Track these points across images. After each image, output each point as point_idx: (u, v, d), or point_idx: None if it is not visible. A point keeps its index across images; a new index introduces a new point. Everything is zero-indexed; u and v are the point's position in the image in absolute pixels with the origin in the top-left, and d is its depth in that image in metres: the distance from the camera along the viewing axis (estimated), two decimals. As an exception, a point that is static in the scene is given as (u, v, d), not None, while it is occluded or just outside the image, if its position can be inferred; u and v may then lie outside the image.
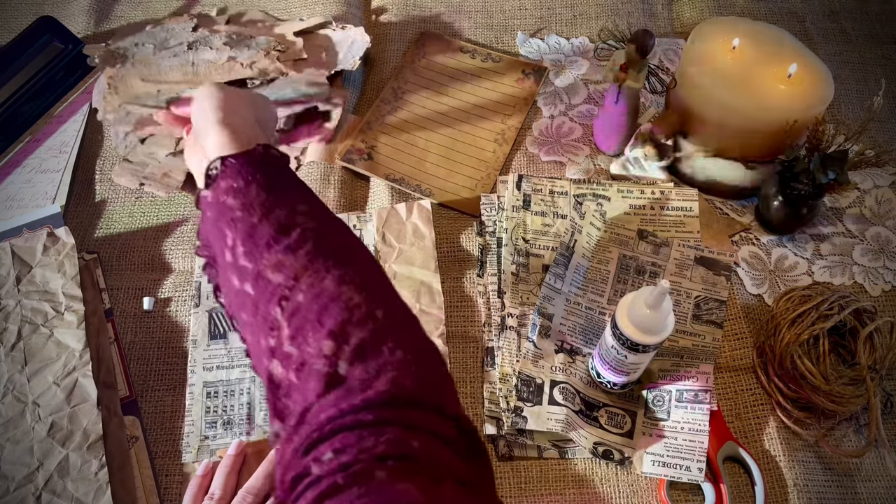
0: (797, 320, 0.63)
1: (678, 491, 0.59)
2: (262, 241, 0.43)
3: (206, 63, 0.80)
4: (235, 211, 0.44)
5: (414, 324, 0.43)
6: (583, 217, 0.72)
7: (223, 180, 0.45)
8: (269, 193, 0.44)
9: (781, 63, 0.68)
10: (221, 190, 0.45)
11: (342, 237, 0.45)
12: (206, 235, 0.47)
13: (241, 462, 0.58)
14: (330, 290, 0.40)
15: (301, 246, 0.42)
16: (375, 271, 0.45)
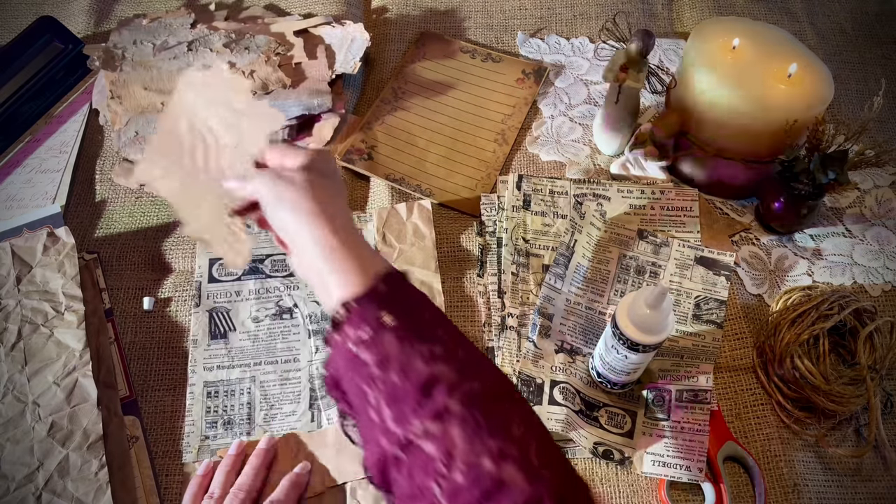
0: (797, 320, 0.63)
1: (678, 491, 0.59)
2: (407, 406, 0.40)
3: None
4: (372, 367, 0.41)
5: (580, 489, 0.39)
6: (583, 217, 0.72)
7: (350, 328, 0.42)
8: (403, 342, 0.41)
9: (781, 63, 0.68)
10: (351, 339, 0.42)
11: (482, 381, 0.41)
12: (339, 377, 0.44)
13: (241, 462, 0.58)
14: (491, 473, 0.37)
15: (448, 410, 0.39)
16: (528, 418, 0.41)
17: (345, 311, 0.43)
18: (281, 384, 0.63)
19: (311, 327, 0.66)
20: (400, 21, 0.93)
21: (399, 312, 0.42)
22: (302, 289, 0.68)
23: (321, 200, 0.47)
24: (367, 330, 0.42)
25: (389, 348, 0.41)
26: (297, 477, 0.57)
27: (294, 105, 0.77)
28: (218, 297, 0.67)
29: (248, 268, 0.69)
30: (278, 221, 0.48)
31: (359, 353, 0.42)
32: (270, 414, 0.62)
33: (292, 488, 0.56)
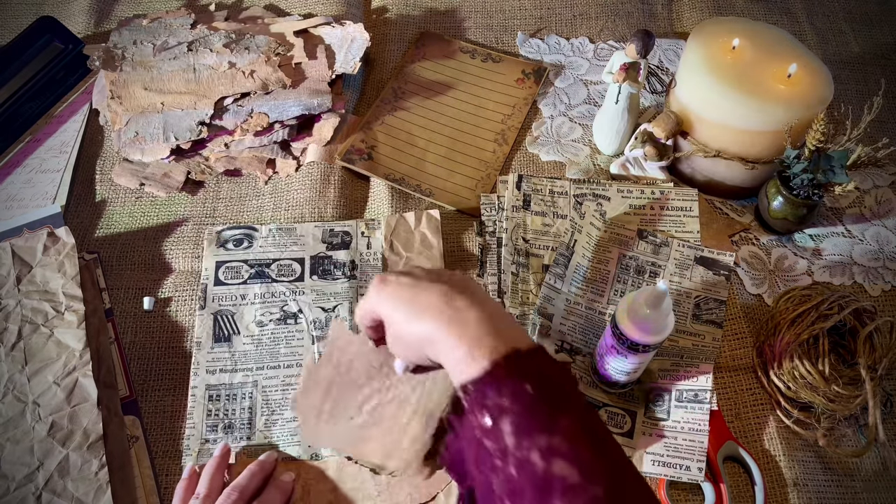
0: (797, 320, 0.63)
1: (678, 491, 0.59)
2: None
3: (208, 69, 0.80)
4: (494, 458, 0.38)
5: None
6: (583, 217, 0.72)
7: (472, 414, 0.39)
8: (519, 435, 0.37)
9: (781, 63, 0.68)
10: (473, 425, 0.39)
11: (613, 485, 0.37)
12: (461, 463, 0.42)
13: (227, 463, 0.58)
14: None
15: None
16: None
17: (464, 395, 0.40)
18: (283, 389, 0.63)
19: (315, 333, 0.65)
20: (400, 21, 0.93)
21: (521, 396, 0.38)
22: (307, 294, 0.68)
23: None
24: (488, 418, 0.38)
25: (507, 439, 0.37)
26: (283, 483, 0.57)
27: (294, 105, 0.77)
28: (223, 300, 0.67)
29: (253, 271, 0.69)
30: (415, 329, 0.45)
31: (483, 442, 0.39)
32: (272, 419, 0.61)
33: (277, 491, 0.56)
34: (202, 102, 0.77)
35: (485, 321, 0.43)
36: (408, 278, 0.47)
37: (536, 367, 0.41)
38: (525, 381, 0.39)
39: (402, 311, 0.46)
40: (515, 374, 0.40)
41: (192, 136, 0.75)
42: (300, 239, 0.71)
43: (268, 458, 0.59)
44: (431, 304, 0.45)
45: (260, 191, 0.76)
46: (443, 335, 0.43)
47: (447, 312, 0.44)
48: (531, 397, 0.39)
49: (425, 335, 0.45)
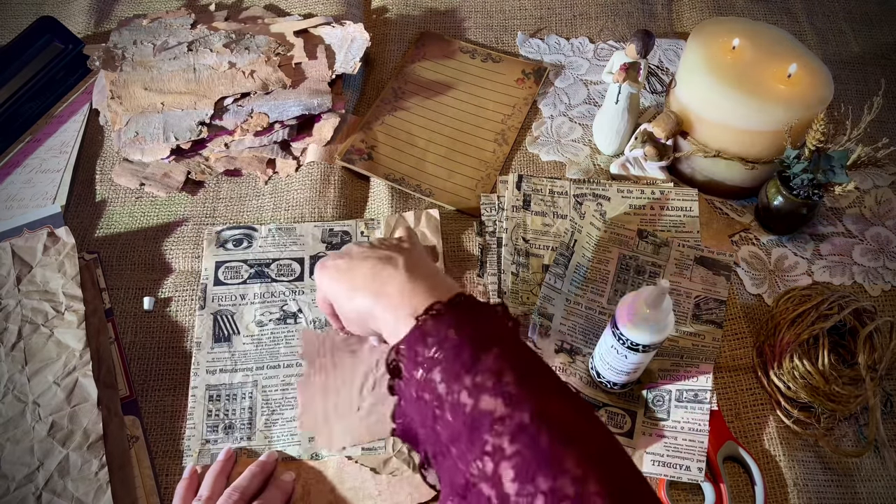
0: (797, 320, 0.63)
1: (678, 491, 0.59)
2: (462, 445, 0.38)
3: (208, 69, 0.80)
4: (435, 409, 0.39)
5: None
6: (583, 217, 0.72)
7: (407, 371, 0.41)
8: (448, 376, 0.39)
9: (781, 63, 0.68)
10: (413, 383, 0.41)
11: (540, 404, 0.37)
12: (409, 424, 0.43)
13: (231, 467, 0.58)
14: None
15: (499, 449, 0.36)
16: (594, 448, 0.37)
17: (395, 355, 0.42)
18: (283, 389, 0.63)
19: (314, 333, 0.65)
20: (400, 21, 0.93)
21: (445, 343, 0.40)
22: (307, 294, 0.67)
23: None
24: (420, 370, 0.40)
25: (439, 387, 0.39)
26: (283, 483, 0.57)
27: (294, 105, 0.77)
28: (223, 300, 0.67)
29: (253, 271, 0.69)
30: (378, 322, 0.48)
31: (421, 395, 0.40)
32: (272, 419, 0.61)
33: (279, 492, 0.56)
34: (202, 102, 0.77)
35: (407, 286, 0.46)
36: (343, 259, 0.51)
37: (459, 314, 0.42)
38: (448, 329, 0.41)
39: (341, 292, 0.50)
40: (438, 325, 0.41)
41: (192, 136, 0.75)
42: (300, 239, 0.71)
43: (268, 458, 0.59)
44: (362, 280, 0.49)
45: (260, 191, 0.76)
46: (376, 309, 0.47)
47: (374, 286, 0.48)
48: (455, 342, 0.40)
49: (364, 311, 0.48)
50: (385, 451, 0.60)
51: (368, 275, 0.49)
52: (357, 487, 0.58)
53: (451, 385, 0.39)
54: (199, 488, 0.56)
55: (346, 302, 0.50)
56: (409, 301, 0.45)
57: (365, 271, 0.49)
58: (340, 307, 0.52)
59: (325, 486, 0.58)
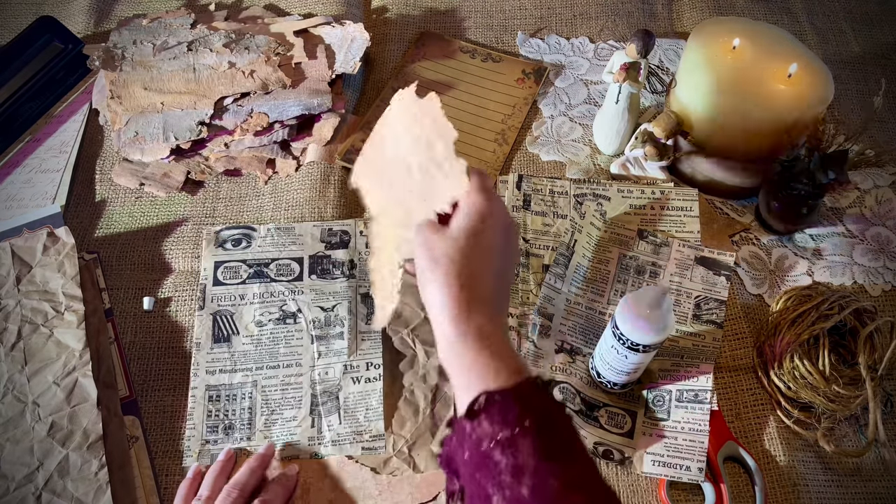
0: (797, 320, 0.63)
1: (678, 491, 0.59)
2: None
3: (208, 69, 0.80)
4: (503, 474, 0.37)
5: None
6: (583, 217, 0.72)
7: (487, 422, 0.39)
8: (541, 456, 0.37)
9: (781, 63, 0.68)
10: (486, 433, 0.38)
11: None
12: (457, 463, 0.41)
13: (231, 467, 0.59)
14: None
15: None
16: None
17: (485, 402, 0.39)
18: (282, 389, 0.63)
19: (314, 332, 0.65)
20: (400, 21, 0.93)
21: (542, 422, 0.38)
22: (306, 293, 0.67)
23: (470, 282, 0.44)
24: (507, 430, 0.38)
25: (526, 459, 0.37)
26: (285, 478, 0.57)
27: (294, 105, 0.77)
28: (222, 300, 0.67)
29: (252, 271, 0.69)
30: (427, 296, 0.45)
31: (491, 453, 0.38)
32: (271, 419, 0.61)
33: (280, 487, 0.57)
34: (202, 102, 0.77)
35: (508, 341, 0.43)
36: (454, 283, 0.44)
37: (552, 399, 0.41)
38: (549, 406, 0.40)
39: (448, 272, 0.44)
40: (541, 397, 0.40)
41: (191, 135, 0.75)
42: (299, 238, 0.71)
43: (266, 451, 0.59)
44: (458, 323, 0.43)
45: (260, 191, 0.76)
46: (467, 345, 0.42)
47: (476, 330, 0.43)
48: (554, 423, 0.39)
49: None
50: (385, 451, 0.60)
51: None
52: (357, 487, 0.58)
53: (541, 463, 0.37)
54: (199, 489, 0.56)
55: (444, 280, 0.44)
56: (516, 358, 0.42)
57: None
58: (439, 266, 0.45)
59: (324, 485, 0.58)
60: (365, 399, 0.62)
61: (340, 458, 0.59)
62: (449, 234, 0.45)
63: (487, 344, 0.42)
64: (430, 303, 0.45)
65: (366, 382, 0.63)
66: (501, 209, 0.47)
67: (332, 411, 0.62)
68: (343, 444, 0.60)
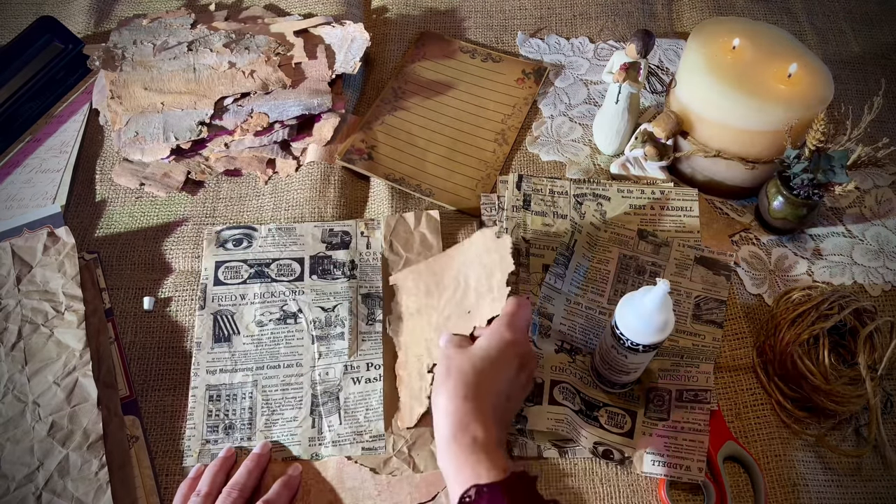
0: (797, 320, 0.63)
1: (678, 491, 0.59)
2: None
3: (208, 69, 0.80)
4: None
5: None
6: (583, 217, 0.72)
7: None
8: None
9: (781, 63, 0.68)
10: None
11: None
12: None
13: (231, 465, 0.59)
14: None
15: None
16: None
17: (475, 494, 0.44)
18: (283, 389, 0.63)
19: (314, 333, 0.65)
20: (400, 21, 0.93)
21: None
22: (307, 294, 0.67)
23: (476, 396, 0.49)
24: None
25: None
26: (289, 479, 0.58)
27: (294, 105, 0.77)
28: (223, 300, 0.67)
29: (253, 271, 0.69)
30: (436, 399, 0.51)
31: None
32: (272, 419, 0.61)
33: (284, 489, 0.57)
34: (202, 102, 0.77)
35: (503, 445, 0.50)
36: (461, 395, 0.50)
37: (539, 495, 0.46)
38: (532, 493, 0.45)
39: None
40: (529, 492, 0.45)
41: (192, 136, 0.75)
42: (299, 239, 0.71)
43: (262, 451, 0.59)
44: (454, 427, 0.48)
45: (260, 191, 0.76)
46: (461, 446, 0.47)
47: (465, 437, 0.48)
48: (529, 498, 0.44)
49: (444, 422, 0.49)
50: (385, 452, 0.60)
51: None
52: (357, 487, 0.58)
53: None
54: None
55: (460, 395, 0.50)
56: (505, 458, 0.47)
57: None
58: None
59: (325, 486, 0.58)
60: (365, 399, 0.62)
61: (340, 458, 0.59)
62: (468, 352, 0.52)
63: (481, 448, 0.46)
64: (437, 406, 0.50)
65: (366, 383, 0.63)
66: (523, 344, 0.54)
67: (333, 411, 0.62)
68: (343, 445, 0.60)
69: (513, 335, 0.53)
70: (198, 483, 0.57)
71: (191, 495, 0.55)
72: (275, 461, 0.60)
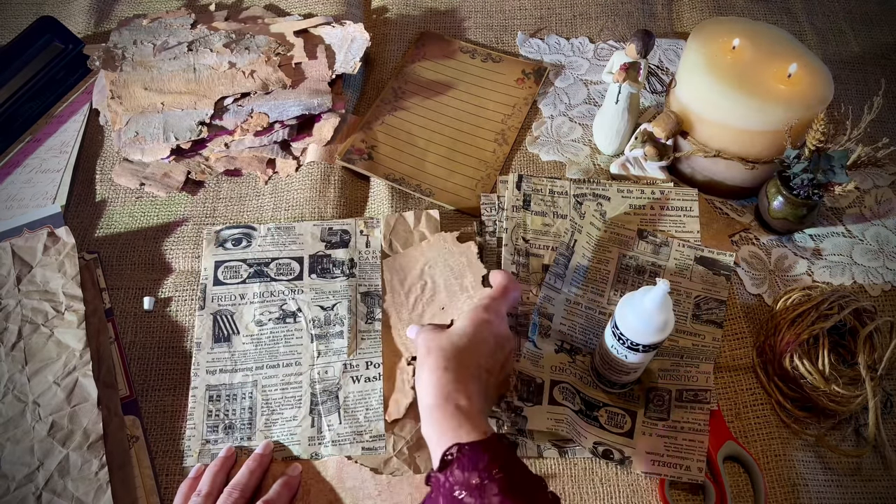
0: (797, 320, 0.63)
1: (678, 490, 0.59)
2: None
3: (208, 69, 0.80)
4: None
5: None
6: (583, 217, 0.72)
7: (458, 469, 0.44)
8: (507, 496, 0.43)
9: (781, 63, 0.68)
10: (457, 481, 0.44)
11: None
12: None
13: (231, 464, 0.59)
14: None
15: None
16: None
17: (457, 452, 0.45)
18: (282, 388, 0.63)
19: (313, 332, 0.65)
20: (400, 21, 0.93)
21: (507, 472, 0.44)
22: (306, 292, 0.67)
23: (456, 368, 0.52)
24: (476, 477, 0.43)
25: (492, 498, 0.42)
26: (289, 479, 0.58)
27: (294, 105, 0.77)
28: (222, 299, 0.67)
29: (252, 271, 0.69)
30: (418, 379, 0.53)
31: (462, 498, 0.43)
32: (271, 419, 0.61)
33: (284, 489, 0.57)
34: (202, 102, 0.77)
35: (484, 413, 0.51)
36: (441, 376, 0.52)
37: (513, 455, 0.47)
38: (512, 455, 0.46)
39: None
40: (507, 450, 0.46)
41: (192, 136, 0.75)
42: (299, 238, 0.71)
43: (264, 451, 0.59)
44: (436, 398, 0.50)
45: (260, 191, 0.76)
46: (441, 408, 0.49)
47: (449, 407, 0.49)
48: (518, 471, 0.45)
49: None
50: (386, 452, 0.60)
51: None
52: (357, 487, 0.58)
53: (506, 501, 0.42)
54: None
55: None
56: (486, 422, 0.49)
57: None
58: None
59: (325, 486, 0.58)
60: (365, 399, 0.62)
61: (340, 458, 0.59)
62: (446, 332, 0.55)
63: (463, 415, 0.48)
64: (419, 381, 0.52)
65: (365, 381, 0.63)
66: (499, 325, 0.57)
67: (332, 411, 0.62)
68: (343, 444, 0.60)
69: (489, 316, 0.56)
70: (198, 483, 0.57)
71: (191, 495, 0.56)
72: (274, 461, 0.60)
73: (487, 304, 0.57)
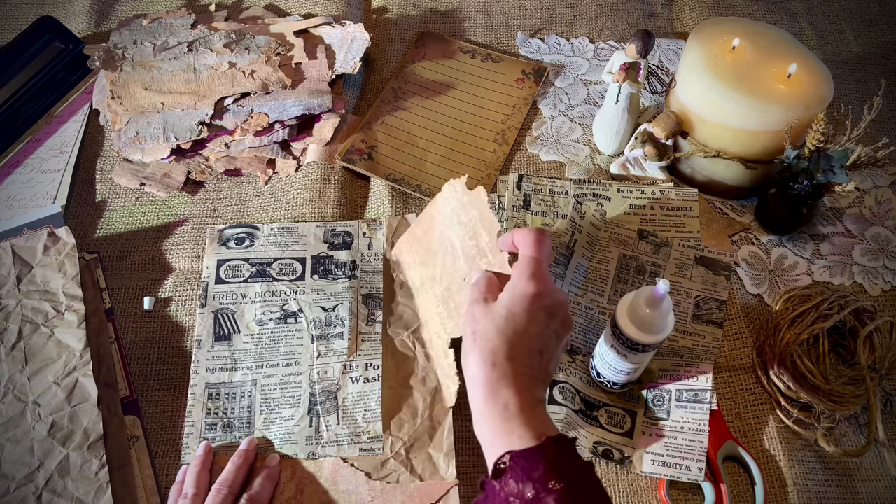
0: (797, 320, 0.63)
1: (678, 490, 0.59)
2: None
3: (208, 69, 0.80)
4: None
5: None
6: (583, 217, 0.72)
7: (512, 480, 0.42)
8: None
9: (781, 63, 0.68)
10: (511, 492, 0.42)
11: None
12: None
13: (211, 461, 0.59)
14: None
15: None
16: None
17: (509, 461, 0.43)
18: (282, 388, 0.63)
19: (314, 332, 0.65)
20: (400, 21, 0.93)
21: (564, 480, 0.41)
22: (308, 293, 0.67)
23: (504, 362, 0.47)
24: (532, 489, 0.41)
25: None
26: (270, 470, 0.58)
27: (294, 105, 0.77)
28: (224, 298, 0.67)
29: (254, 270, 0.69)
30: (466, 364, 0.50)
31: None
32: (270, 418, 0.61)
33: (268, 481, 0.57)
34: (202, 102, 0.77)
35: (539, 405, 0.48)
36: (491, 359, 0.48)
37: (578, 458, 0.44)
38: (575, 466, 0.43)
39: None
40: (567, 456, 0.43)
41: (192, 136, 0.75)
42: (302, 238, 0.71)
43: (248, 447, 0.59)
44: (489, 393, 0.47)
45: (260, 191, 0.76)
46: (496, 412, 0.46)
47: (503, 401, 0.46)
48: (579, 479, 0.42)
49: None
50: (383, 453, 0.60)
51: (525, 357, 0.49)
52: (350, 491, 0.58)
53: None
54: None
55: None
56: (542, 420, 0.46)
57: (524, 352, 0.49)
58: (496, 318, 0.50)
59: (318, 487, 0.58)
60: (363, 400, 0.62)
61: (336, 460, 0.59)
62: (492, 312, 0.50)
63: (513, 415, 0.45)
64: (467, 373, 0.49)
65: (364, 382, 0.63)
66: (546, 294, 0.50)
67: (331, 411, 0.62)
68: (341, 445, 0.60)
69: (534, 287, 0.50)
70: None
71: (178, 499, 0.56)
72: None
73: (530, 272, 0.50)
